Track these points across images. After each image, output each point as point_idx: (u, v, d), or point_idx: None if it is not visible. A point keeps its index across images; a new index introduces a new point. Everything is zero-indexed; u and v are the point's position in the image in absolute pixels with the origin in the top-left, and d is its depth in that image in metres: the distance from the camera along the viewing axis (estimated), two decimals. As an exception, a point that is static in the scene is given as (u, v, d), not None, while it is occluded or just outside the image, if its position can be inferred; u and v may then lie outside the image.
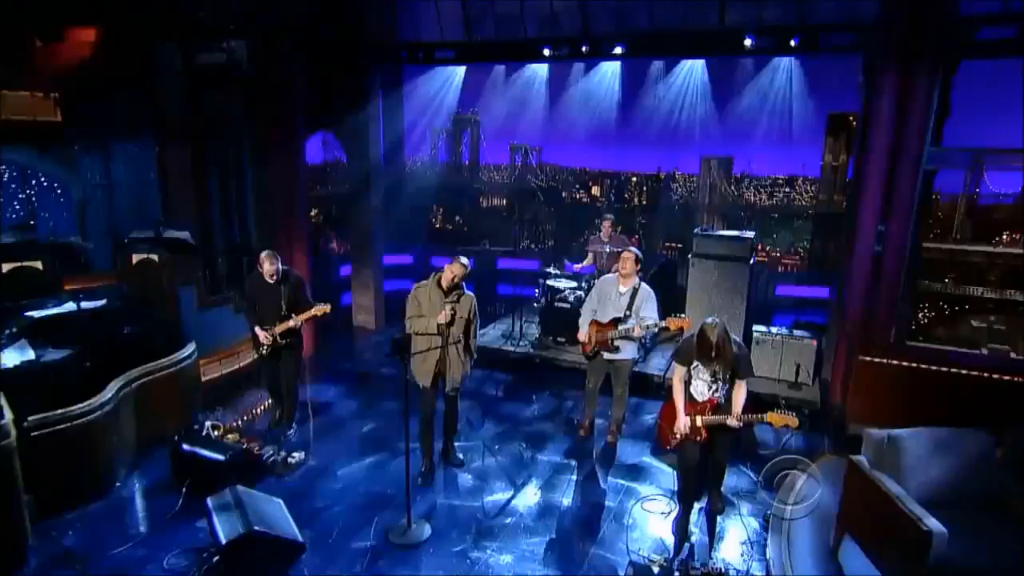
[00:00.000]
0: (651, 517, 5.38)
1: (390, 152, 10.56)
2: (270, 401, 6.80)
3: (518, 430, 6.85)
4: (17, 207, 7.27)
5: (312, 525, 5.20)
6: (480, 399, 7.46)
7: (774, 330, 7.60)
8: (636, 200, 9.35)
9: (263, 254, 6.14)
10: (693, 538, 5.08)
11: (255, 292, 6.23)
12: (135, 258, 6.74)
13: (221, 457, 5.43)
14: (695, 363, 4.82)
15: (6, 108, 6.83)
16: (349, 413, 7.22)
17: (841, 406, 6.92)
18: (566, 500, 5.61)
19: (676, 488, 5.30)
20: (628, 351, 6.26)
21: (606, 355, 6.27)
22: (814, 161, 11.22)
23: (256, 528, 4.54)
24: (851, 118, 10.29)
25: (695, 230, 8.18)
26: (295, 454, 6.10)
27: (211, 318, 7.14)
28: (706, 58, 9.57)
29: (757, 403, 7.50)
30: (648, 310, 6.10)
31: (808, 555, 4.66)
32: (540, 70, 10.40)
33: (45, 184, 7.26)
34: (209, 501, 4.87)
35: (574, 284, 8.45)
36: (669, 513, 5.40)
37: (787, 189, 11.83)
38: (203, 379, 7.12)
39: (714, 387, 4.80)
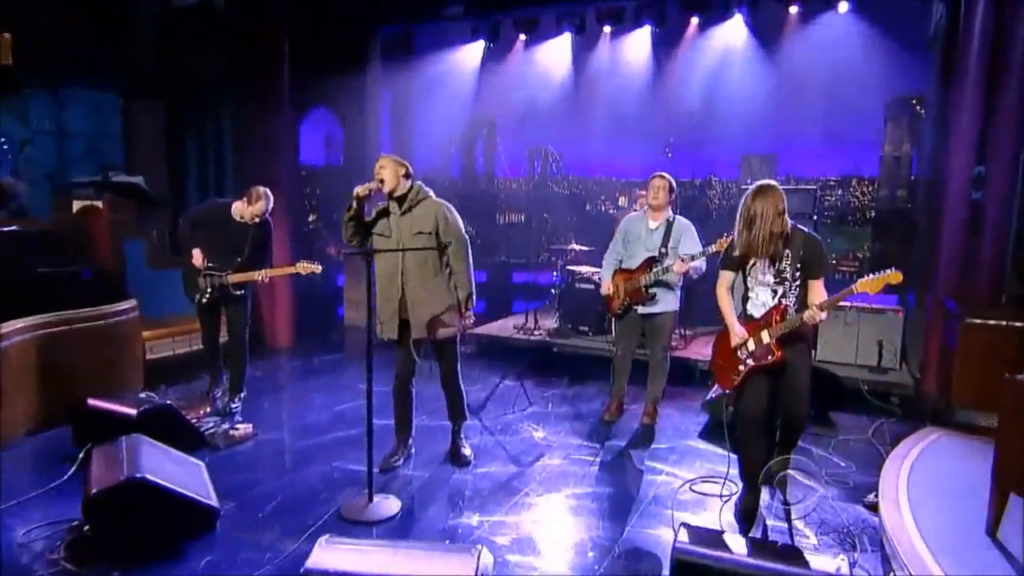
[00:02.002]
0: (708, 502, 3.94)
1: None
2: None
3: (526, 414, 5.48)
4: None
5: (241, 496, 3.89)
6: (478, 384, 6.12)
7: (847, 303, 6.23)
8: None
9: (260, 189, 4.97)
10: (767, 523, 3.64)
11: (211, 221, 5.05)
12: (76, 205, 5.76)
13: (132, 412, 4.19)
14: (753, 261, 3.63)
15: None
16: (320, 389, 5.96)
17: (941, 389, 5.46)
18: (585, 485, 4.20)
19: (737, 455, 3.88)
20: (668, 301, 4.98)
21: (640, 309, 4.99)
22: (870, 160, 10.12)
23: (147, 477, 3.26)
24: (913, 101, 9.09)
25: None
26: (241, 426, 4.85)
27: (164, 282, 5.97)
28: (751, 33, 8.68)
29: (831, 390, 6.09)
30: (690, 244, 4.88)
31: (952, 543, 3.18)
32: (563, 53, 9.59)
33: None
34: (95, 451, 3.64)
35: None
36: (730, 497, 3.97)
37: (840, 192, 10.67)
38: (149, 356, 5.96)
39: (780, 290, 3.60)
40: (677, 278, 4.97)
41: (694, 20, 8.89)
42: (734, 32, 8.71)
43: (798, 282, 3.58)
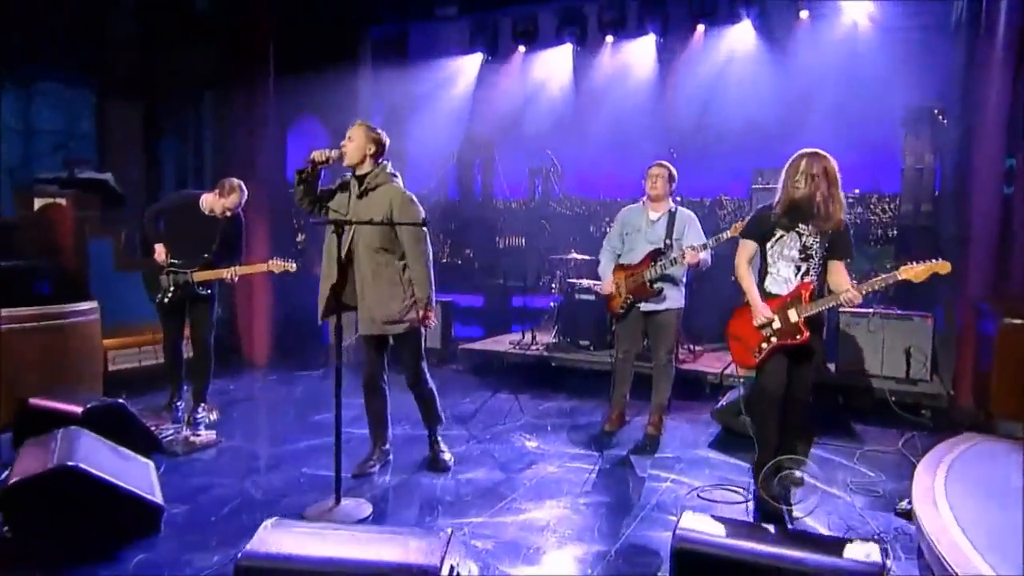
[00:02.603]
0: (719, 510, 3.63)
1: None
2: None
3: (517, 422, 5.19)
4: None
5: (194, 500, 3.63)
6: (467, 398, 5.83)
7: (870, 310, 5.98)
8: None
9: (234, 181, 4.78)
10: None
11: (177, 212, 4.85)
12: (38, 203, 5.61)
13: (78, 410, 3.94)
14: (779, 234, 3.56)
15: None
16: (296, 401, 5.70)
17: (978, 399, 5.16)
18: (580, 491, 3.90)
19: (755, 439, 3.63)
20: (673, 297, 4.75)
21: (643, 307, 4.76)
22: (890, 174, 9.92)
23: (79, 465, 3.00)
24: (936, 111, 8.98)
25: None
26: (204, 432, 4.59)
27: (131, 286, 5.70)
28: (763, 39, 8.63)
29: (854, 401, 5.81)
30: (695, 235, 4.71)
31: (998, 543, 2.88)
32: (563, 65, 9.57)
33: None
34: (25, 444, 3.39)
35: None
36: (746, 502, 3.68)
37: (859, 209, 10.46)
38: (111, 367, 5.73)
39: (804, 267, 3.55)
40: (682, 272, 4.78)
41: (700, 28, 8.86)
42: (742, 39, 8.65)
43: (822, 261, 3.53)
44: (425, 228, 3.86)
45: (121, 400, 4.24)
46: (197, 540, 3.15)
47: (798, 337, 3.47)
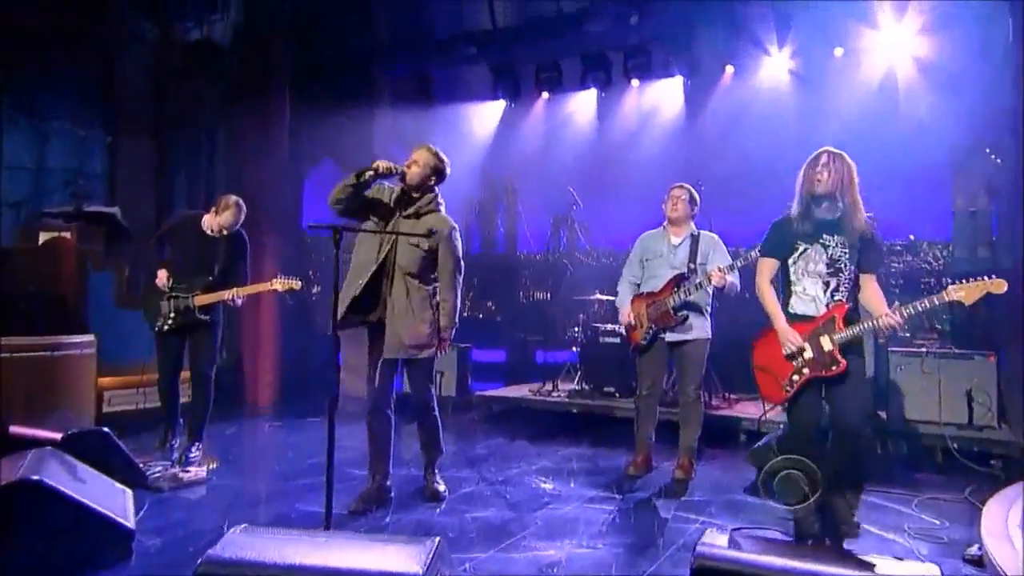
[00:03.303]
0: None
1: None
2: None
3: (533, 466, 4.95)
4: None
5: (173, 533, 3.47)
6: (480, 444, 5.60)
7: (923, 349, 5.70)
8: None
9: (230, 198, 4.78)
10: None
11: (179, 233, 4.82)
12: (43, 236, 5.70)
13: (57, 436, 3.84)
14: (801, 247, 3.35)
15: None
16: (297, 444, 5.55)
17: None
18: (598, 531, 3.65)
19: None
20: (700, 326, 4.58)
21: (668, 337, 4.59)
22: (940, 219, 9.63)
23: (44, 480, 2.89)
24: (987, 150, 8.84)
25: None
26: (193, 468, 4.45)
27: (132, 324, 5.71)
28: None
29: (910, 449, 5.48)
30: (721, 258, 4.58)
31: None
32: (587, 110, 9.68)
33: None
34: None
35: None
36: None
37: (908, 257, 10.12)
38: (107, 408, 5.67)
39: (833, 283, 3.33)
40: (709, 300, 4.63)
41: (729, 69, 8.92)
42: (774, 79, 8.67)
43: (853, 275, 3.33)
44: (462, 261, 4.03)
45: (105, 429, 4.13)
46: (168, 570, 2.98)
47: (833, 368, 3.23)
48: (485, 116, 9.98)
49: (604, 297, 7.00)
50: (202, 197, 7.20)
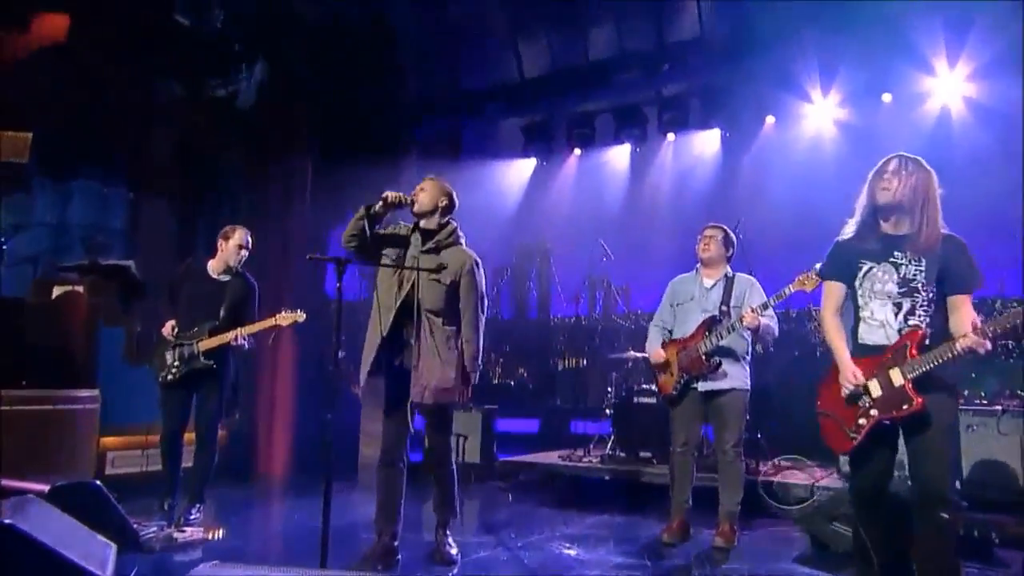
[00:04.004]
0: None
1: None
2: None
3: (556, 532, 4.69)
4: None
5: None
6: (501, 509, 5.36)
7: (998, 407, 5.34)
8: (759, 348, 7.70)
9: (235, 229, 4.86)
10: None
11: (185, 284, 4.86)
12: (57, 290, 5.81)
13: (44, 488, 3.77)
14: (867, 266, 2.99)
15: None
16: (306, 509, 5.36)
17: None
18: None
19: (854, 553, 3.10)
20: (736, 375, 4.38)
21: (701, 386, 4.39)
22: (1014, 275, 9.21)
23: (14, 525, 2.80)
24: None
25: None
26: (190, 528, 4.34)
27: (141, 382, 5.69)
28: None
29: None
30: (757, 300, 4.39)
31: None
32: (621, 167, 9.71)
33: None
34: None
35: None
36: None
37: (981, 316, 9.66)
38: (110, 470, 5.62)
39: (906, 305, 2.92)
40: (746, 347, 4.44)
41: (770, 119, 8.89)
42: (819, 124, 8.59)
43: (932, 297, 2.90)
44: (487, 298, 3.99)
45: (97, 483, 4.06)
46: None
47: (905, 407, 2.79)
48: (515, 174, 10.09)
49: (638, 354, 6.81)
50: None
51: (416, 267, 3.74)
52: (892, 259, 2.95)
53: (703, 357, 4.34)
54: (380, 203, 3.70)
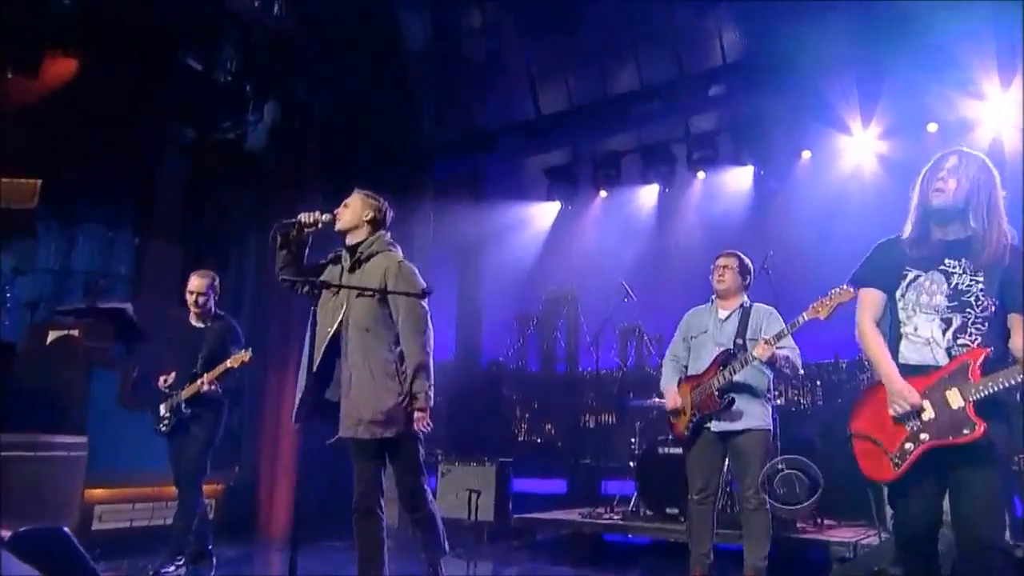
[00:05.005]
0: None
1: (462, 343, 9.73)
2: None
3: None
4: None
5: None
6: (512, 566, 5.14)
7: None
8: (805, 400, 7.27)
9: (191, 276, 5.01)
10: None
11: (171, 334, 5.08)
12: (52, 335, 5.87)
13: (5, 533, 3.70)
14: (912, 274, 2.77)
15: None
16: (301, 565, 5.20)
17: None
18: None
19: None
20: (754, 414, 4.16)
21: (715, 426, 4.18)
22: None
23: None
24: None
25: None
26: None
27: (134, 428, 5.68)
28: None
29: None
30: (774, 331, 4.17)
31: None
32: (648, 208, 9.60)
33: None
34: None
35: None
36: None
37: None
38: (97, 525, 5.57)
39: (957, 320, 2.67)
40: (766, 382, 4.23)
41: (806, 154, 8.73)
42: (858, 158, 8.40)
43: (990, 313, 2.65)
44: (425, 304, 3.63)
45: (64, 529, 3.98)
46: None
47: (965, 432, 2.51)
48: (539, 217, 10.05)
49: (661, 401, 6.58)
50: (230, 300, 7.34)
51: (339, 284, 3.59)
52: (943, 267, 2.71)
53: (715, 394, 4.14)
54: (294, 227, 3.59)
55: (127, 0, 6.71)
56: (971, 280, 2.66)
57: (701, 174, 9.20)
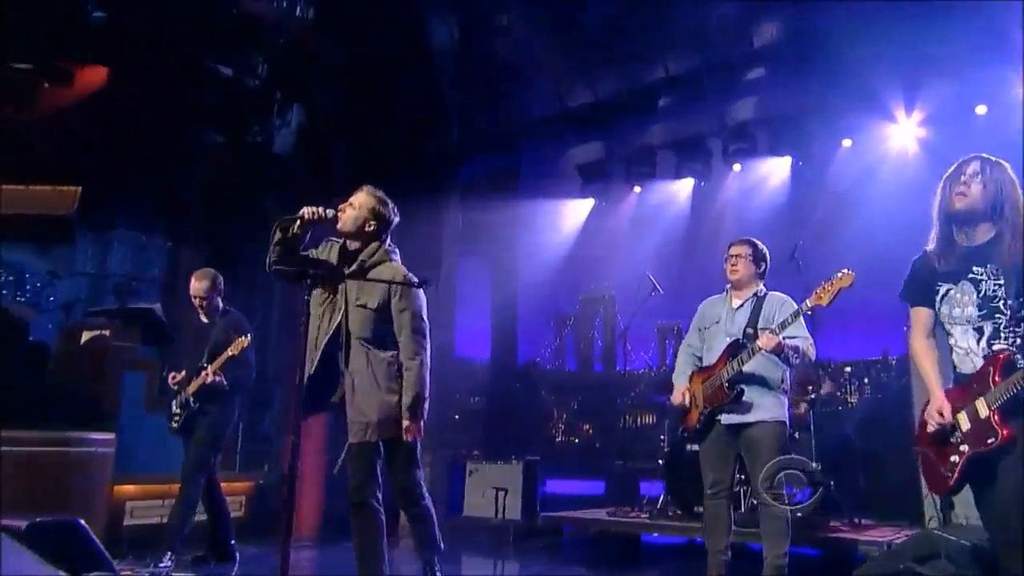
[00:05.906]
0: None
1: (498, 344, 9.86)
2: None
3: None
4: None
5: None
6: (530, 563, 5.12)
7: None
8: (850, 398, 7.09)
9: (206, 270, 5.19)
10: None
11: (181, 332, 5.37)
12: (85, 335, 6.09)
13: (21, 524, 3.86)
14: (944, 288, 2.80)
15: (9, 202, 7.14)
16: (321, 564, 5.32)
17: None
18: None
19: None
20: (766, 406, 4.05)
21: (724, 419, 4.10)
22: None
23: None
24: None
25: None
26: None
27: (164, 426, 5.83)
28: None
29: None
30: (785, 317, 4.08)
31: None
32: (683, 202, 9.50)
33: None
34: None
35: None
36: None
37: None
38: (128, 520, 5.74)
39: (988, 328, 2.71)
40: (782, 373, 4.12)
41: (846, 143, 8.52)
42: (901, 145, 8.16)
43: (1018, 316, 2.69)
44: (425, 319, 3.70)
45: (80, 521, 4.13)
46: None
47: (990, 440, 2.59)
48: (572, 214, 10.03)
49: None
50: (259, 302, 7.53)
51: (337, 276, 3.63)
52: (971, 275, 2.75)
53: (723, 385, 4.05)
54: (297, 223, 3.58)
55: (156, 10, 6.95)
56: (995, 285, 2.70)
57: (737, 167, 9.07)
